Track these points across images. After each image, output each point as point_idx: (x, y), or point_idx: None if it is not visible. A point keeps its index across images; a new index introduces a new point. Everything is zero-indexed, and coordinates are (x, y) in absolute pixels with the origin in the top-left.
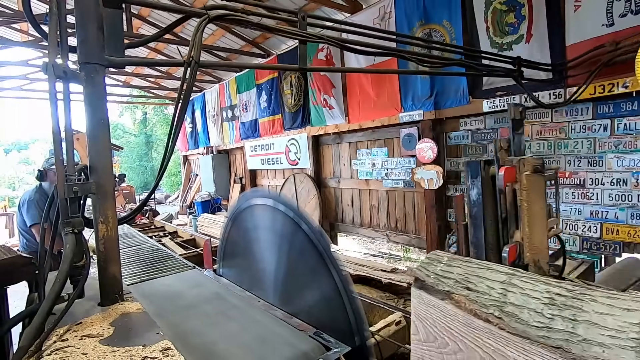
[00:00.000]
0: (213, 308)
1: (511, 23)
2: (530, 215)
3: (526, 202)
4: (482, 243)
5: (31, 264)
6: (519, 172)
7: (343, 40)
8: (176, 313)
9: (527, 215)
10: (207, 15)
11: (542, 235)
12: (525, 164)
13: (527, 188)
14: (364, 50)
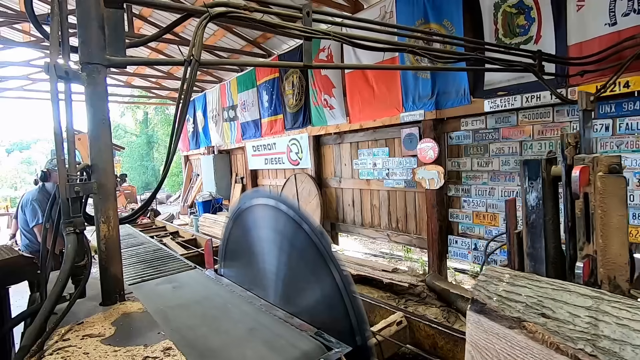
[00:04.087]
0: (214, 308)
1: (522, 25)
2: (606, 225)
3: (601, 208)
4: (542, 255)
5: (33, 264)
6: (593, 173)
7: (350, 36)
8: (177, 313)
9: (601, 225)
10: (209, 13)
11: (620, 248)
12: (599, 163)
13: (602, 192)
14: (372, 46)
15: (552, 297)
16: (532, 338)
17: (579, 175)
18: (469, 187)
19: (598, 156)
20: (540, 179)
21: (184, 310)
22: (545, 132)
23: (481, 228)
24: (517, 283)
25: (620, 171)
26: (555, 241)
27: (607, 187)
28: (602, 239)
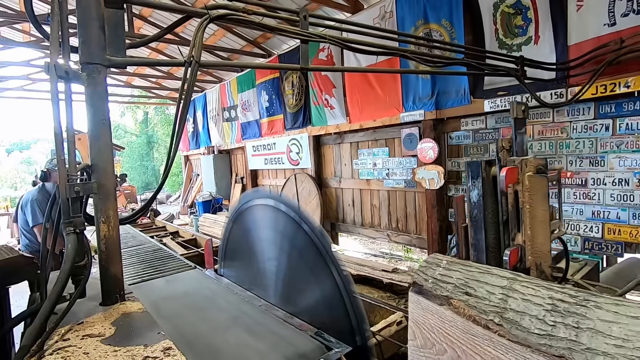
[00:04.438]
0: (214, 308)
1: (520, 25)
2: (533, 218)
3: (528, 204)
4: (483, 246)
5: (33, 263)
6: (521, 173)
7: (346, 40)
8: (177, 312)
9: (529, 218)
10: (209, 15)
11: (544, 238)
12: (528, 165)
13: (529, 189)
14: (366, 50)
15: (476, 279)
16: (456, 313)
17: (505, 175)
18: None
19: (526, 159)
20: (480, 179)
21: (184, 310)
22: (545, 132)
23: None
24: (451, 268)
25: (545, 172)
26: (494, 233)
27: (534, 185)
28: (530, 230)
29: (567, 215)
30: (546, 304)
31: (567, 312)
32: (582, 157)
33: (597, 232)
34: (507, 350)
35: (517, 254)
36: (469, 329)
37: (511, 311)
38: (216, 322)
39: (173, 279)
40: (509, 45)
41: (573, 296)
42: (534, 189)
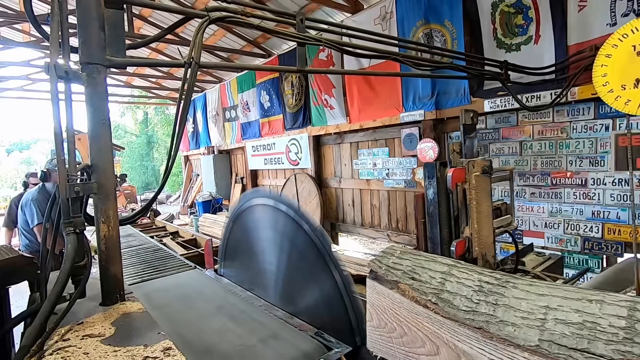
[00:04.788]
0: (214, 308)
1: (520, 25)
2: (479, 213)
3: (475, 200)
4: (438, 239)
5: (33, 264)
6: (469, 173)
7: (340, 43)
8: (177, 312)
9: (475, 213)
10: (209, 17)
11: (488, 231)
12: (475, 166)
13: (475, 188)
14: (360, 53)
15: (422, 265)
16: (403, 295)
17: (452, 175)
18: None
19: (473, 160)
20: (435, 178)
21: (184, 310)
22: (545, 132)
23: None
24: (402, 257)
25: (489, 172)
26: (447, 227)
27: (479, 184)
28: (476, 224)
29: (567, 215)
30: (475, 286)
31: (490, 291)
32: (582, 157)
33: (597, 232)
34: (441, 325)
35: (464, 245)
36: (413, 308)
37: (446, 292)
38: (218, 324)
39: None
40: (508, 44)
41: (497, 279)
42: (480, 187)
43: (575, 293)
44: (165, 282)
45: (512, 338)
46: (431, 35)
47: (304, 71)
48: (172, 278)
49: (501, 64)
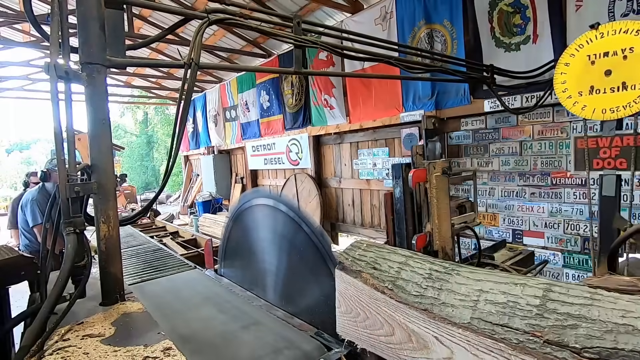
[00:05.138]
0: (214, 308)
1: (518, 24)
2: (439, 210)
3: (435, 198)
4: (404, 233)
5: (33, 264)
6: (430, 174)
7: (335, 46)
8: (177, 313)
9: (436, 210)
10: (208, 18)
11: (447, 226)
12: (436, 167)
13: (436, 187)
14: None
15: (383, 257)
16: (365, 283)
17: (412, 175)
18: (468, 187)
19: (434, 162)
20: (401, 178)
21: (184, 310)
22: (545, 132)
23: (481, 228)
24: (367, 250)
25: (448, 173)
26: (412, 223)
27: (439, 183)
28: (437, 220)
29: (567, 215)
30: (425, 274)
31: (437, 278)
32: None
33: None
34: (396, 309)
35: (424, 239)
36: (373, 294)
37: (401, 280)
38: (225, 326)
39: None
40: (507, 44)
41: (445, 267)
42: (440, 187)
43: (505, 278)
44: (165, 282)
45: (450, 317)
46: (432, 35)
47: (301, 73)
48: (172, 278)
49: (487, 68)
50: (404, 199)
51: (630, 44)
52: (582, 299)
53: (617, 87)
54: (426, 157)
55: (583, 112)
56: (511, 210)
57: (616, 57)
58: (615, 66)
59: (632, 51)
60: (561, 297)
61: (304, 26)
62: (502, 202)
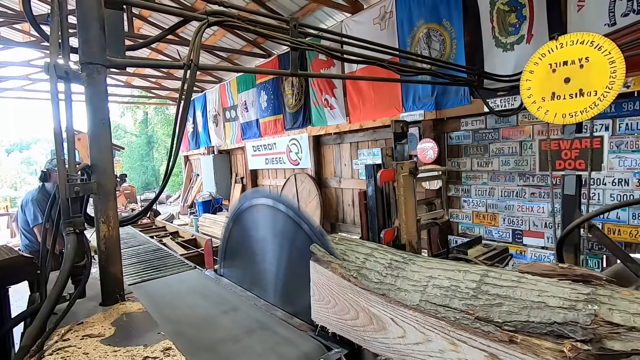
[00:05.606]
0: (213, 308)
1: (513, 23)
2: (406, 207)
3: (402, 196)
4: (376, 228)
5: (33, 264)
6: (397, 174)
7: (329, 48)
8: (177, 313)
9: (403, 207)
10: (207, 20)
11: (413, 222)
12: (404, 167)
13: (403, 186)
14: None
15: (352, 249)
16: (334, 272)
17: (380, 175)
18: (469, 187)
19: (402, 163)
20: (373, 178)
21: (184, 310)
22: (544, 132)
23: (481, 228)
24: (339, 243)
25: (415, 173)
26: (383, 218)
27: (406, 183)
28: (404, 216)
29: None
30: (386, 263)
31: (396, 267)
32: None
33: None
34: (360, 295)
35: (392, 233)
36: (341, 282)
37: (365, 269)
38: (211, 318)
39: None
40: (504, 43)
41: (404, 257)
42: (407, 186)
43: (452, 266)
44: (165, 282)
45: (403, 300)
46: (429, 35)
47: (297, 75)
48: (172, 278)
49: (473, 71)
50: (375, 196)
51: (586, 54)
52: (510, 282)
53: (575, 94)
54: (395, 159)
55: (546, 116)
56: (511, 210)
57: (574, 65)
58: (573, 74)
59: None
60: (494, 281)
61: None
62: (502, 202)
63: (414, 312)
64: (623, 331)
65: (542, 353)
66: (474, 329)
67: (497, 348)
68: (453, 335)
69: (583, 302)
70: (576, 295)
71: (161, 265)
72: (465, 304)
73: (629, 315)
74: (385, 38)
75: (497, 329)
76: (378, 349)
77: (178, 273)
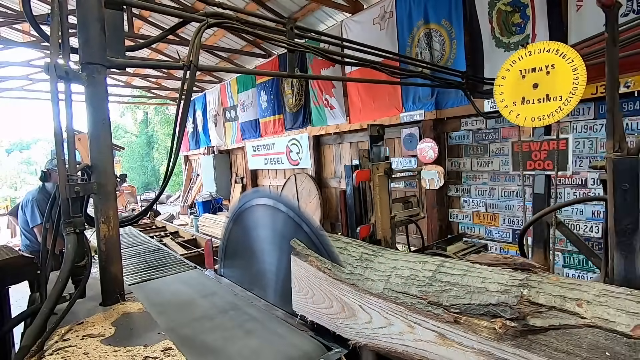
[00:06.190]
0: (213, 308)
1: (517, 23)
2: (381, 205)
3: (378, 195)
4: (354, 225)
5: (33, 264)
6: (373, 174)
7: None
8: (177, 313)
9: (378, 205)
10: (207, 21)
11: (387, 219)
12: (379, 168)
13: (378, 185)
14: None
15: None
16: (311, 265)
17: (355, 175)
18: (469, 187)
19: (377, 164)
20: (351, 177)
21: (184, 310)
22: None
23: (481, 228)
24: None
25: (389, 174)
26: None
27: (381, 182)
28: (380, 213)
29: (567, 215)
30: (358, 256)
31: (366, 259)
32: (582, 157)
33: (597, 232)
34: (333, 285)
35: (368, 229)
36: (317, 274)
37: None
38: (211, 318)
39: None
40: (506, 44)
41: (374, 251)
42: (382, 185)
43: (414, 258)
44: (165, 282)
45: (369, 289)
46: (430, 35)
47: (293, 76)
48: (172, 278)
49: (462, 74)
50: (354, 195)
51: (551, 61)
52: (461, 271)
53: (542, 99)
54: (371, 160)
55: (517, 119)
56: (511, 210)
57: (541, 72)
58: (540, 80)
59: (554, 67)
60: (447, 270)
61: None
62: (502, 202)
63: (378, 299)
64: (545, 310)
65: (480, 331)
66: (426, 312)
67: (444, 328)
68: (410, 319)
69: (516, 287)
70: (512, 281)
71: (161, 265)
72: (421, 291)
73: (551, 297)
74: (385, 38)
75: (445, 312)
76: (349, 334)
77: (178, 273)
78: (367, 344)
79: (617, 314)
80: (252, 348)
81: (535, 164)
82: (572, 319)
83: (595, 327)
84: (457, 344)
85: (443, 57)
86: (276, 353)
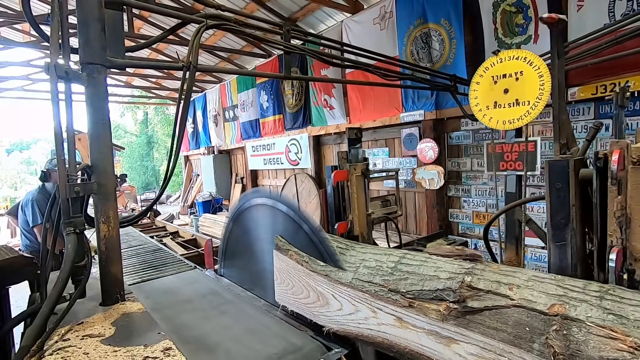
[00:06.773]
0: (213, 308)
1: (520, 24)
2: (358, 203)
3: (355, 194)
4: (334, 222)
5: (33, 264)
6: (350, 174)
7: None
8: (177, 313)
9: (355, 203)
10: (206, 23)
11: (364, 216)
12: (356, 169)
13: (355, 185)
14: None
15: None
16: (291, 258)
17: (333, 175)
18: (469, 187)
19: (355, 164)
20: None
21: (184, 310)
22: (545, 132)
23: (481, 228)
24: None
25: (366, 174)
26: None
27: (358, 182)
28: (357, 210)
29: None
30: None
31: (340, 253)
32: None
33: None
34: (310, 277)
35: (345, 226)
36: (296, 267)
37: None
38: (211, 318)
39: None
40: (509, 44)
41: (347, 244)
42: (358, 185)
43: (381, 250)
44: (165, 282)
45: (340, 279)
46: (429, 34)
47: (290, 78)
48: (172, 278)
49: (451, 77)
50: (333, 194)
51: (520, 68)
52: (419, 261)
53: (512, 103)
54: (349, 161)
55: (490, 123)
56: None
57: (511, 78)
58: (511, 86)
59: (522, 74)
60: (408, 261)
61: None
62: (503, 202)
63: (347, 288)
64: (482, 294)
65: (430, 313)
66: (386, 299)
67: (401, 312)
68: (373, 305)
69: (462, 275)
70: (460, 269)
71: (161, 265)
72: (383, 279)
73: (489, 282)
74: (385, 38)
75: (402, 297)
76: (323, 321)
77: (178, 273)
78: (338, 329)
79: (539, 295)
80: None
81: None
82: (503, 301)
83: (520, 307)
84: (412, 325)
85: (442, 57)
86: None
